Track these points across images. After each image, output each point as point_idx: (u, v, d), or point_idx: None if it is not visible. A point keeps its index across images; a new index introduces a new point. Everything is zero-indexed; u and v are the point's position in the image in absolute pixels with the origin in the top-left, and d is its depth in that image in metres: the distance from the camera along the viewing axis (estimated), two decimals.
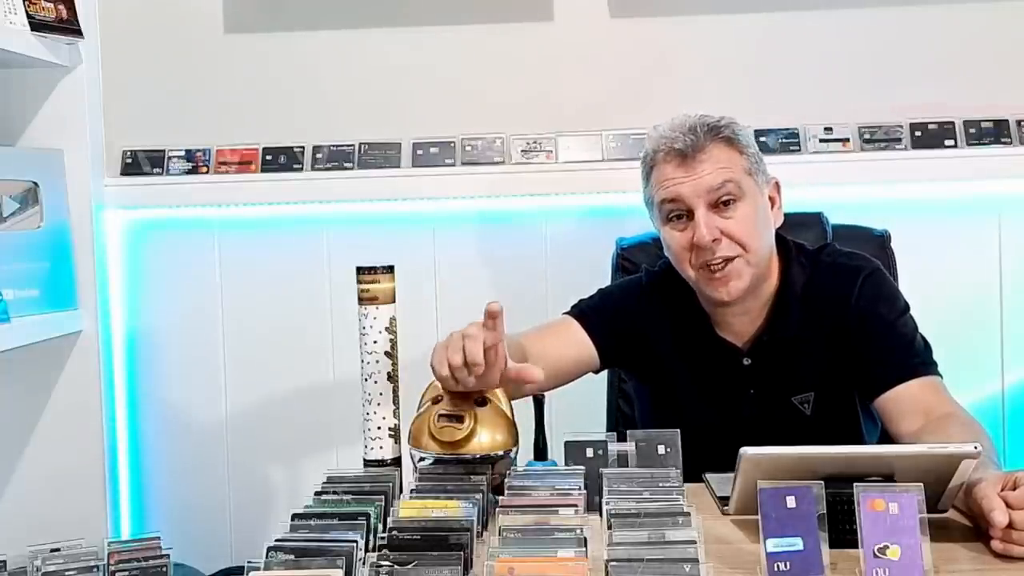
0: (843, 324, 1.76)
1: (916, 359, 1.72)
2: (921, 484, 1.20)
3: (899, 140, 2.40)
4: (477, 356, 1.43)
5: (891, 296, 1.79)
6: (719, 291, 1.72)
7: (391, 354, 1.55)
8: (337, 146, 2.46)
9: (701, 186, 1.70)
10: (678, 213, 1.73)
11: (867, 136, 2.41)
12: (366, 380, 1.55)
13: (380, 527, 1.27)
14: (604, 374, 1.99)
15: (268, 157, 2.46)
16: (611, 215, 2.39)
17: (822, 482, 1.20)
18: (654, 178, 1.76)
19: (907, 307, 1.78)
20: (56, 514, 2.24)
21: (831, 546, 1.19)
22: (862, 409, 1.79)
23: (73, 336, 2.27)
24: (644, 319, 1.84)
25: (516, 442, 1.52)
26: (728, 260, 1.70)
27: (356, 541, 1.17)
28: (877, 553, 1.16)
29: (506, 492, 1.37)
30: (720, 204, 1.71)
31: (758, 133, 2.29)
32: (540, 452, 1.57)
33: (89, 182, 2.29)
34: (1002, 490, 1.30)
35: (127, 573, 1.29)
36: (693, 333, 1.81)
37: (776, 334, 1.78)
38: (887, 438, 1.74)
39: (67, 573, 1.27)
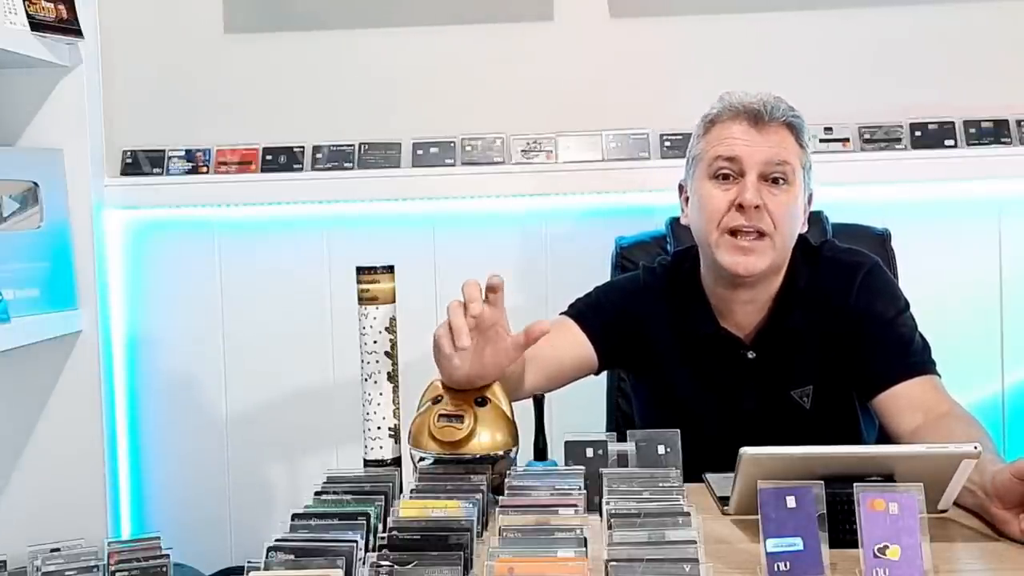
0: (841, 320, 1.76)
1: (915, 358, 1.72)
2: (921, 484, 1.20)
3: (899, 140, 2.40)
4: (462, 330, 1.44)
5: (890, 293, 1.79)
6: (738, 261, 1.70)
7: (391, 354, 1.55)
8: (337, 146, 2.46)
9: (762, 153, 1.70)
10: (727, 173, 1.72)
11: (867, 136, 2.41)
12: (366, 380, 1.55)
13: (380, 527, 1.27)
14: (604, 373, 1.99)
15: (268, 157, 2.46)
16: (611, 215, 2.40)
17: (822, 482, 1.20)
18: (714, 133, 1.75)
19: (906, 304, 1.78)
20: (56, 514, 2.24)
21: (831, 546, 1.19)
22: (860, 405, 1.80)
23: (73, 336, 2.27)
24: (643, 315, 1.84)
25: (516, 442, 1.52)
26: (759, 234, 1.70)
27: (356, 541, 1.16)
28: (877, 553, 1.16)
29: (506, 492, 1.37)
30: (770, 180, 1.71)
31: None
32: (540, 452, 1.57)
33: (89, 182, 2.29)
34: None
35: (127, 573, 1.29)
36: (695, 325, 1.81)
37: (779, 327, 1.78)
38: (885, 433, 1.74)
39: (67, 573, 1.28)
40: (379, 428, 1.55)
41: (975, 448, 1.32)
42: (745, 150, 1.70)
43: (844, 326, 1.76)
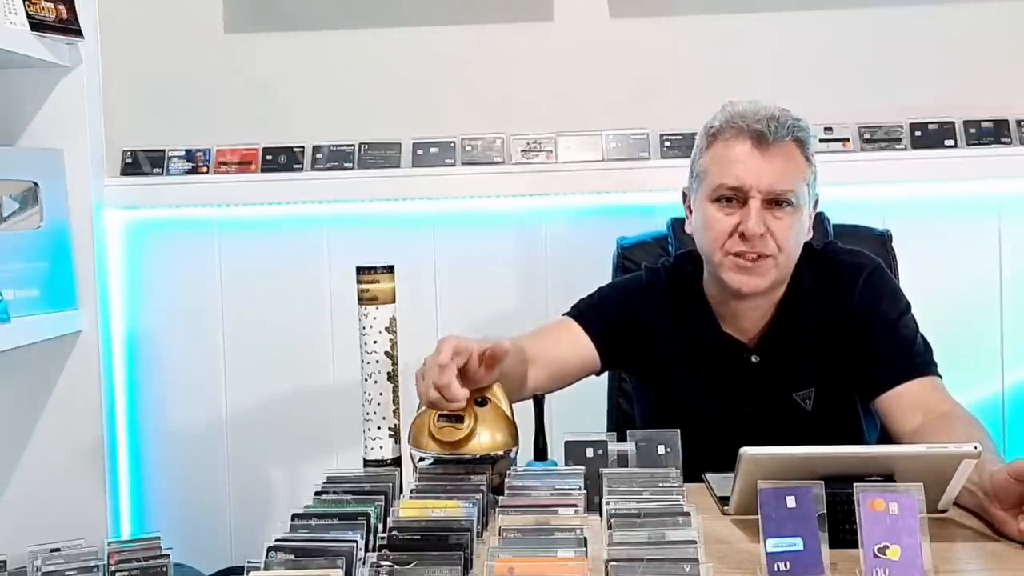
0: (843, 321, 1.76)
1: (917, 359, 1.72)
2: (921, 484, 1.20)
3: (899, 140, 2.40)
4: (458, 395, 1.44)
5: (892, 295, 1.79)
6: (740, 281, 1.70)
7: (391, 354, 1.55)
8: (337, 146, 2.46)
9: (766, 180, 1.68)
10: (731, 197, 1.71)
11: (867, 136, 2.41)
12: (366, 380, 1.55)
13: (380, 527, 1.27)
14: (605, 373, 1.99)
15: (268, 157, 2.46)
16: (611, 215, 2.39)
17: (822, 482, 1.20)
18: (718, 152, 1.72)
19: (908, 306, 1.79)
20: (56, 514, 2.24)
21: (831, 546, 1.19)
22: (862, 407, 1.80)
23: (73, 336, 2.27)
24: (646, 316, 1.84)
25: (516, 442, 1.52)
26: (762, 257, 1.69)
27: (356, 541, 1.16)
28: (877, 553, 1.16)
29: (506, 492, 1.37)
30: (774, 203, 1.69)
31: None
32: (540, 452, 1.57)
33: (89, 182, 2.29)
34: None
35: (127, 573, 1.29)
36: (698, 329, 1.81)
37: (782, 331, 1.78)
38: (887, 435, 1.74)
39: (67, 573, 1.27)
40: (379, 428, 1.55)
41: (975, 448, 1.32)
42: (748, 177, 1.68)
43: (846, 327, 1.76)
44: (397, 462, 1.55)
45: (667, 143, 2.41)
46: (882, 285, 1.79)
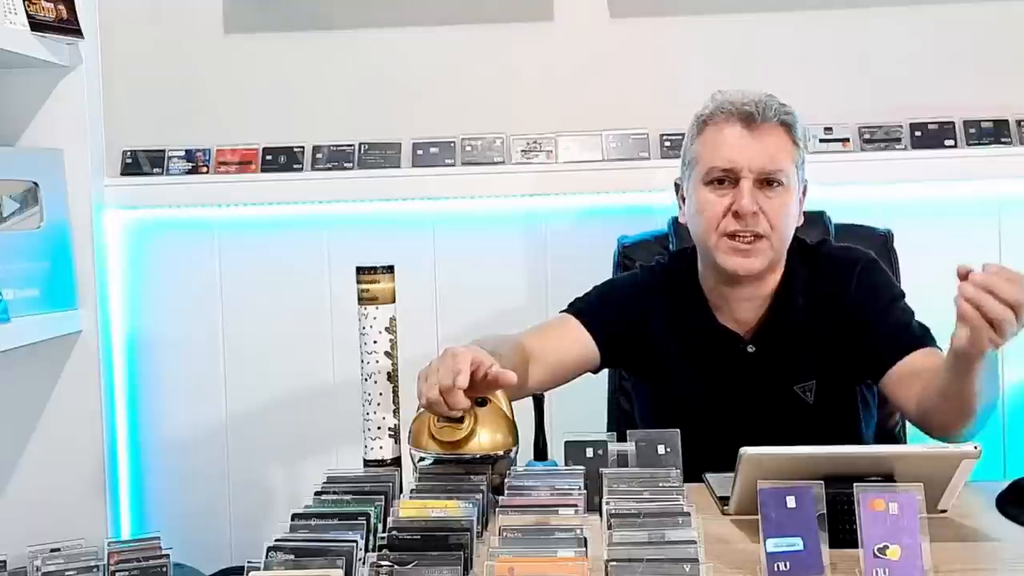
0: (842, 313, 1.78)
1: (917, 332, 1.75)
2: (921, 484, 1.20)
3: (899, 140, 2.40)
4: (459, 403, 1.43)
5: (886, 283, 1.82)
6: (736, 263, 1.73)
7: (391, 354, 1.55)
8: (337, 146, 2.46)
9: (757, 160, 1.71)
10: (722, 179, 1.74)
11: (867, 136, 2.41)
12: (366, 380, 1.55)
13: (380, 527, 1.27)
14: (604, 372, 1.99)
15: (268, 157, 2.46)
16: (611, 215, 2.39)
17: (822, 482, 1.20)
18: (708, 137, 1.76)
19: (902, 294, 1.82)
20: (56, 514, 2.24)
21: (831, 546, 1.19)
22: (860, 400, 1.82)
23: (73, 336, 2.27)
24: (643, 313, 1.85)
25: (516, 442, 1.52)
26: (757, 237, 1.72)
27: (356, 541, 1.17)
28: (877, 553, 1.16)
29: (506, 492, 1.37)
30: (765, 183, 1.72)
31: None
32: (540, 452, 1.57)
33: (89, 182, 2.29)
34: None
35: (127, 573, 1.29)
36: (694, 322, 1.82)
37: (778, 322, 1.79)
38: (882, 430, 1.75)
39: (67, 573, 1.28)
40: (379, 428, 1.55)
41: (975, 448, 1.33)
42: (739, 158, 1.72)
43: (844, 317, 1.78)
44: (397, 462, 1.55)
45: (667, 143, 2.41)
46: (876, 276, 1.82)
